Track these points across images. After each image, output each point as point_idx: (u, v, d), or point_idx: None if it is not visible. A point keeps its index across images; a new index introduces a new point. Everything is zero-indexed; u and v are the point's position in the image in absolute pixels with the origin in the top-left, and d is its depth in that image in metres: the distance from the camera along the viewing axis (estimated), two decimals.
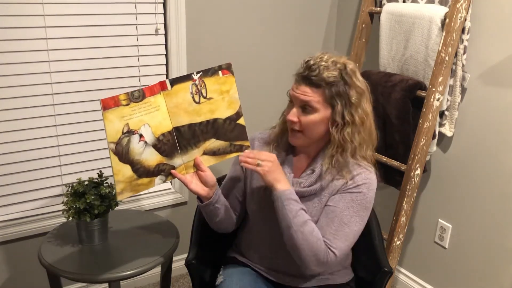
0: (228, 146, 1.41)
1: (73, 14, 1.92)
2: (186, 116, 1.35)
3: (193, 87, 1.35)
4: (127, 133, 1.30)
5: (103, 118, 1.27)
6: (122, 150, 1.30)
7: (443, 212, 2.17)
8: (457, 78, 1.94)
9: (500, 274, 1.97)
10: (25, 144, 1.96)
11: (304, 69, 1.32)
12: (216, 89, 1.37)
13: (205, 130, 1.38)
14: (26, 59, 1.88)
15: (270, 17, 2.37)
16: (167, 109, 1.33)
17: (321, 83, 1.30)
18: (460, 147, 2.05)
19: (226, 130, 1.40)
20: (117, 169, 1.31)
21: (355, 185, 1.37)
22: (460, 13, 1.81)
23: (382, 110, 2.06)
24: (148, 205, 2.27)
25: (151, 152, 1.33)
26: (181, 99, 1.34)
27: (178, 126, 1.35)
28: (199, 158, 1.38)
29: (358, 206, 1.36)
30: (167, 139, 1.35)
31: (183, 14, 2.12)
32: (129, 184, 1.33)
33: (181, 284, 2.43)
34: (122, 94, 1.29)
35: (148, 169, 1.35)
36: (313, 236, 1.30)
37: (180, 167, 1.38)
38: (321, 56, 1.33)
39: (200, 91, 1.36)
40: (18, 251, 2.04)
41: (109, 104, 1.27)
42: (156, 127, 1.33)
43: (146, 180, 1.35)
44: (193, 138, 1.37)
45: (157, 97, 1.32)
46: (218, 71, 1.38)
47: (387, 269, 1.53)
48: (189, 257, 1.56)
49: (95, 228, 1.71)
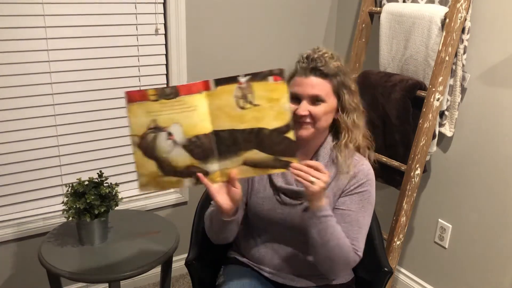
0: (272, 160, 1.26)
1: (73, 14, 1.92)
2: (228, 121, 1.24)
3: (239, 90, 1.23)
4: (154, 129, 1.23)
5: (127, 111, 1.22)
6: (148, 145, 1.24)
7: (443, 212, 2.17)
8: (457, 78, 1.94)
9: (500, 274, 1.97)
10: (25, 144, 1.96)
11: (310, 61, 1.35)
12: (265, 95, 1.24)
13: (248, 139, 1.25)
14: (26, 59, 1.88)
15: (270, 17, 2.37)
16: (209, 110, 1.24)
17: (329, 72, 1.34)
18: (460, 147, 2.05)
19: (272, 143, 1.25)
20: (140, 163, 1.25)
21: (359, 184, 1.40)
22: (460, 13, 1.81)
23: (382, 110, 2.06)
24: (148, 205, 2.27)
25: (181, 152, 1.25)
26: (224, 101, 1.23)
27: (218, 130, 1.24)
28: (235, 172, 1.26)
29: (367, 205, 1.41)
30: (201, 142, 1.25)
31: (183, 14, 2.12)
32: (153, 179, 1.27)
33: (181, 284, 2.43)
34: (151, 89, 1.22)
35: (176, 169, 1.27)
36: (347, 247, 1.34)
37: (216, 173, 1.27)
38: (320, 49, 1.38)
39: (246, 96, 1.24)
40: (18, 251, 2.04)
41: (135, 98, 1.21)
42: (189, 128, 1.24)
43: (174, 179, 1.27)
44: (234, 145, 1.25)
45: (195, 97, 1.23)
46: (268, 77, 1.23)
47: (387, 269, 1.53)
48: (189, 257, 1.56)
49: (95, 228, 1.71)
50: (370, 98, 2.10)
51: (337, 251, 1.32)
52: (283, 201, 1.43)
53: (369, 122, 2.15)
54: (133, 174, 2.25)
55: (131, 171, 2.24)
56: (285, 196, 1.43)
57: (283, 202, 1.43)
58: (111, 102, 2.10)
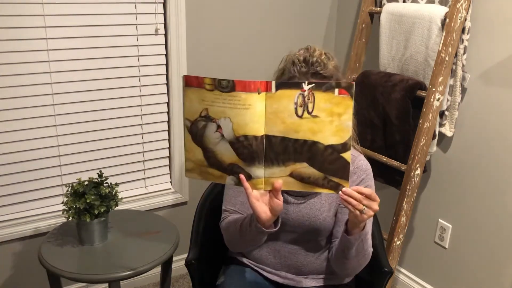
0: (321, 179, 1.18)
1: (73, 14, 1.92)
2: (282, 127, 1.17)
3: (300, 97, 1.15)
4: (204, 118, 1.19)
5: (183, 94, 1.20)
6: (197, 132, 1.21)
7: (443, 212, 2.17)
8: (457, 78, 1.94)
9: (500, 274, 1.97)
10: (25, 144, 1.96)
11: (310, 66, 1.31)
12: (326, 108, 1.15)
13: (300, 151, 1.17)
14: (26, 59, 1.88)
15: (270, 17, 2.37)
16: (265, 113, 1.16)
17: (329, 74, 1.32)
18: (460, 147, 2.05)
19: (325, 160, 1.17)
20: (189, 147, 1.23)
21: (360, 180, 1.41)
22: (460, 13, 1.81)
23: (382, 110, 2.06)
24: (148, 205, 2.27)
25: (227, 148, 1.19)
26: (282, 106, 1.15)
27: (270, 135, 1.17)
28: (280, 183, 1.19)
29: None
30: (249, 143, 1.18)
31: (183, 14, 2.12)
32: (198, 167, 1.23)
33: (181, 284, 2.43)
34: (207, 78, 1.17)
35: (220, 163, 1.21)
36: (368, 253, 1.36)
37: (259, 180, 1.20)
38: (314, 49, 1.34)
39: (306, 104, 1.15)
40: (18, 251, 2.04)
41: (192, 82, 1.18)
42: (239, 126, 1.17)
43: (218, 173, 1.22)
44: (284, 154, 1.18)
45: (252, 95, 1.15)
46: (334, 89, 1.14)
47: (387, 269, 1.53)
48: (189, 257, 1.56)
49: (95, 228, 1.71)
50: (370, 98, 2.10)
51: (368, 256, 1.36)
52: (287, 200, 1.43)
53: (369, 122, 2.16)
54: (133, 174, 2.25)
55: (131, 171, 2.25)
56: (288, 195, 1.43)
57: (286, 201, 1.42)
58: (111, 102, 2.10)
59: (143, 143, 2.23)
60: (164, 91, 2.21)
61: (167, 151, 2.31)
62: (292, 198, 1.43)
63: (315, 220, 1.41)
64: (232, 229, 1.40)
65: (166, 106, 2.24)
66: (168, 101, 2.23)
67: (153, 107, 2.20)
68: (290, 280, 1.47)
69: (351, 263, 1.36)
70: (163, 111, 2.24)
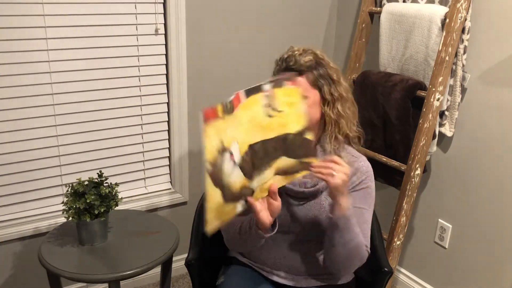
0: (298, 164, 1.24)
1: (73, 14, 1.92)
2: (260, 132, 1.18)
3: (265, 99, 1.19)
4: (221, 151, 1.13)
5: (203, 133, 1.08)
6: (217, 171, 1.13)
7: (443, 212, 2.17)
8: (457, 78, 1.94)
9: (500, 274, 1.97)
10: (25, 144, 1.96)
11: (282, 62, 1.37)
12: (286, 101, 1.22)
13: (277, 147, 1.21)
14: (26, 59, 1.88)
15: (271, 17, 2.37)
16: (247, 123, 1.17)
17: (302, 68, 1.35)
18: (460, 147, 2.05)
19: (296, 147, 1.23)
20: (210, 194, 1.13)
21: (360, 181, 1.41)
22: (460, 13, 1.81)
23: (382, 110, 2.06)
24: (148, 205, 2.27)
25: (238, 173, 1.16)
26: (255, 112, 1.17)
27: (252, 143, 1.18)
28: (276, 184, 1.21)
29: (369, 200, 1.43)
30: (248, 157, 1.18)
31: (183, 14, 2.12)
32: (216, 211, 1.15)
33: (181, 284, 2.43)
34: (219, 105, 1.12)
35: (234, 193, 1.18)
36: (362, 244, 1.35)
37: (257, 190, 1.20)
38: (292, 48, 1.39)
39: (271, 103, 1.20)
40: (18, 251, 2.04)
41: (210, 116, 1.09)
42: (241, 144, 1.16)
43: (231, 205, 1.17)
44: (266, 157, 1.20)
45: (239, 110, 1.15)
46: (284, 81, 1.22)
47: (387, 269, 1.53)
48: (189, 257, 1.56)
49: (95, 228, 1.71)
50: (370, 98, 2.10)
51: (357, 249, 1.34)
52: (287, 201, 1.43)
53: (369, 122, 2.16)
54: (133, 174, 2.25)
55: (131, 171, 2.25)
56: (288, 197, 1.43)
57: (287, 203, 1.43)
58: (111, 102, 2.10)
59: (143, 143, 2.23)
60: (164, 91, 2.21)
61: (167, 151, 2.31)
62: (292, 199, 1.43)
63: (316, 221, 1.41)
64: (232, 230, 1.40)
65: (166, 106, 2.24)
66: (168, 101, 2.23)
67: (153, 107, 2.20)
68: (290, 280, 1.47)
69: (340, 251, 1.34)
70: (163, 111, 2.24)
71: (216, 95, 2.32)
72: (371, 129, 2.13)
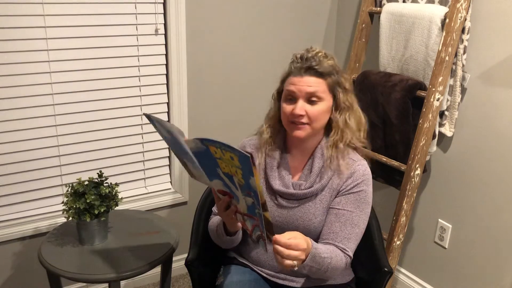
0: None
1: (73, 14, 1.92)
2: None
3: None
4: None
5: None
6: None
7: (443, 212, 2.17)
8: (457, 78, 1.94)
9: (500, 274, 1.97)
10: (25, 144, 1.96)
11: (304, 61, 1.36)
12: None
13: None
14: (26, 59, 1.88)
15: (270, 17, 2.37)
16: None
17: (324, 71, 1.35)
18: (460, 147, 2.05)
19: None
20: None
21: (355, 184, 1.40)
22: (460, 13, 1.81)
23: (382, 110, 2.06)
24: (148, 205, 2.27)
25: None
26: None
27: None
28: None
29: (363, 204, 1.40)
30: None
31: (183, 14, 2.12)
32: None
33: (181, 284, 2.43)
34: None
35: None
36: (339, 260, 1.35)
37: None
38: (313, 49, 1.39)
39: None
40: (18, 251, 2.04)
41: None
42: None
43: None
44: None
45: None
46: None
47: (387, 269, 1.53)
48: (189, 257, 1.56)
49: (95, 228, 1.71)
50: (370, 98, 2.10)
51: (335, 269, 1.34)
52: (280, 204, 1.44)
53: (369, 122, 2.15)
54: (133, 174, 2.26)
55: (131, 171, 2.25)
56: (282, 199, 1.43)
57: (281, 205, 1.44)
58: (111, 102, 2.10)
59: (143, 143, 2.23)
60: (164, 91, 2.21)
61: (167, 151, 2.31)
62: (285, 201, 1.43)
63: (309, 224, 1.41)
64: (212, 229, 1.51)
65: (166, 106, 2.24)
66: (168, 101, 2.23)
67: (153, 107, 2.20)
68: (289, 281, 1.47)
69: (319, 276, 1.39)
70: (163, 111, 2.24)
71: (216, 95, 2.32)
72: (371, 129, 2.12)
